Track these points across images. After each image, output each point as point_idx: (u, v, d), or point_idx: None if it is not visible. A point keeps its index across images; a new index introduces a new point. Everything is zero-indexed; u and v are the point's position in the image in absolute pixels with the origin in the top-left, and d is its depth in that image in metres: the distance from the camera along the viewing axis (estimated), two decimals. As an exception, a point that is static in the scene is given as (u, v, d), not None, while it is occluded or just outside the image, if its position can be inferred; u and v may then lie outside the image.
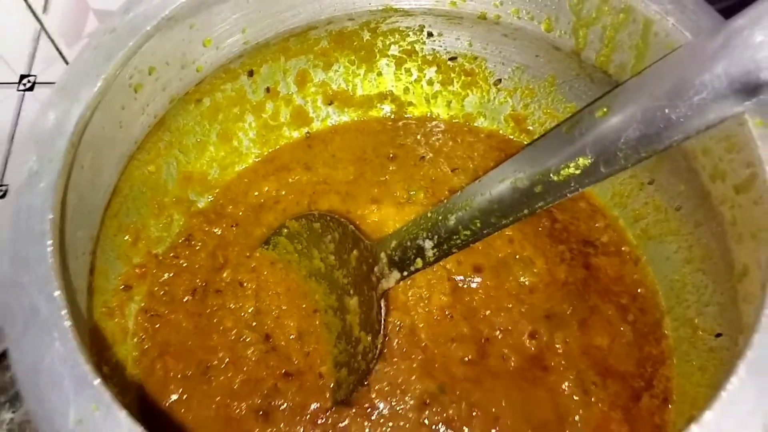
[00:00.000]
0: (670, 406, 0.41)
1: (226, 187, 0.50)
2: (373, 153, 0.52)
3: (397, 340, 0.43)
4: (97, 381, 0.25)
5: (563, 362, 0.41)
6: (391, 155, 0.51)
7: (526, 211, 0.34)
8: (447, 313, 0.43)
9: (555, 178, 0.33)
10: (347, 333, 0.43)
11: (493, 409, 0.40)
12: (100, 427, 0.25)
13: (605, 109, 0.32)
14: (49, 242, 0.27)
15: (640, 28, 0.36)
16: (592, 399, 0.40)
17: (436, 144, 0.51)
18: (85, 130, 0.31)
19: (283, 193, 0.50)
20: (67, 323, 0.26)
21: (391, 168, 0.51)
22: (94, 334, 0.39)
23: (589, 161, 0.31)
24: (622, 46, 0.38)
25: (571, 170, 0.32)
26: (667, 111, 0.29)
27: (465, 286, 0.44)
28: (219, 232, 0.48)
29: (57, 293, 0.27)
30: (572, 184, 0.32)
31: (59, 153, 0.29)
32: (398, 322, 0.43)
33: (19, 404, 0.58)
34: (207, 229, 0.48)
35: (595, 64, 0.40)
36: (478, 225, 0.36)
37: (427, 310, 0.43)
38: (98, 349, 0.39)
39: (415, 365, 0.42)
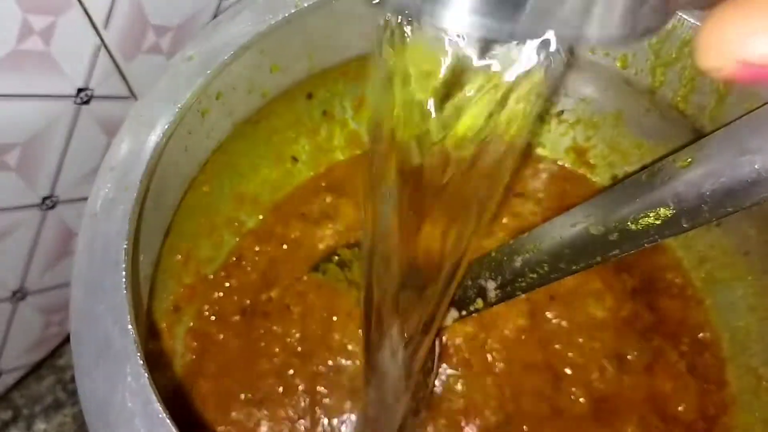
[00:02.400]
0: (730, 458, 0.40)
1: (277, 207, 0.50)
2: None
3: (466, 354, 0.42)
4: (169, 421, 0.25)
5: (628, 406, 0.40)
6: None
7: (598, 258, 0.33)
8: (522, 337, 0.42)
9: (633, 227, 0.31)
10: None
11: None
12: (170, 467, 0.24)
13: (689, 159, 0.31)
14: (124, 273, 0.27)
15: (724, 72, 0.35)
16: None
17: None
18: (159, 157, 0.31)
19: (335, 208, 0.49)
20: (140, 358, 0.26)
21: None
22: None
23: (671, 212, 0.30)
24: (702, 88, 0.37)
25: (651, 220, 0.31)
26: (756, 166, 0.28)
27: (541, 311, 0.43)
28: (269, 252, 0.48)
29: (130, 326, 0.26)
30: (651, 235, 0.31)
31: (135, 181, 0.29)
32: (471, 336, 0.42)
33: (53, 414, 0.58)
34: (257, 248, 0.48)
35: (671, 104, 0.39)
36: (546, 269, 0.35)
37: (502, 327, 0.42)
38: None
39: (486, 385, 0.41)
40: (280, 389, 0.42)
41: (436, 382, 0.42)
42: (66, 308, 0.59)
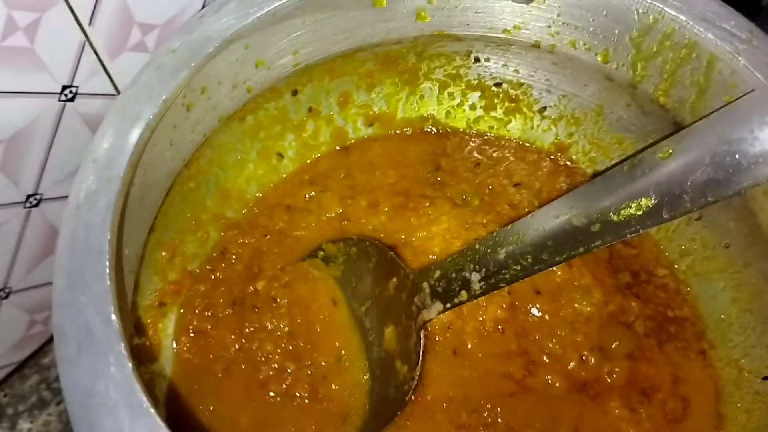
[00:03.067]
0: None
1: (261, 198, 0.50)
2: (417, 160, 0.51)
3: (441, 341, 0.42)
4: (153, 410, 0.25)
5: (608, 389, 0.41)
6: (439, 164, 0.50)
7: (581, 250, 0.33)
8: (500, 327, 0.42)
9: (615, 218, 0.32)
10: (382, 362, 0.42)
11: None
12: (153, 458, 0.24)
13: (670, 150, 0.31)
14: (107, 263, 0.27)
15: (704, 64, 0.36)
16: (642, 415, 0.40)
17: (494, 155, 0.50)
18: (143, 150, 0.31)
19: (318, 200, 0.49)
20: (124, 347, 0.26)
21: (438, 176, 0.50)
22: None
23: (652, 202, 0.31)
24: (683, 81, 0.38)
25: (633, 211, 0.31)
26: (737, 156, 0.28)
27: (522, 305, 0.43)
28: (253, 243, 0.47)
29: (113, 316, 0.26)
30: (633, 225, 0.31)
31: (118, 173, 0.29)
32: (448, 325, 0.42)
33: (38, 414, 0.57)
34: (241, 240, 0.48)
35: (652, 98, 0.40)
36: (529, 260, 0.36)
37: (481, 319, 0.42)
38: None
39: (456, 373, 0.41)
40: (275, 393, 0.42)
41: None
42: (50, 307, 0.59)
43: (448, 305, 0.40)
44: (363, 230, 0.48)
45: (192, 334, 0.43)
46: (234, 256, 0.47)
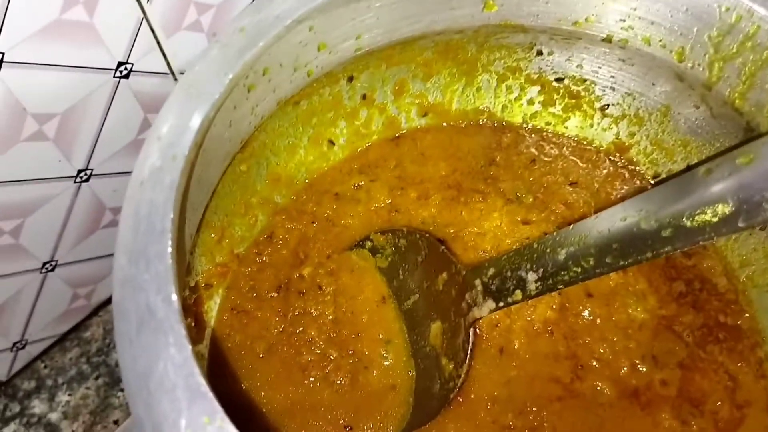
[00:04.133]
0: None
1: (309, 185, 0.49)
2: (470, 153, 0.50)
3: (487, 339, 0.41)
4: (211, 393, 0.24)
5: (659, 400, 0.39)
6: (493, 158, 0.49)
7: (649, 255, 0.32)
8: (549, 328, 0.41)
9: (688, 224, 0.31)
10: (427, 358, 0.41)
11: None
12: (210, 441, 0.24)
13: (751, 156, 0.30)
14: (170, 242, 0.26)
15: (787, 68, 0.34)
16: (694, 427, 0.38)
17: (551, 152, 0.49)
18: (208, 130, 0.30)
19: (367, 190, 0.49)
20: (183, 328, 0.25)
21: (492, 170, 0.49)
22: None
23: (730, 209, 0.29)
24: (763, 85, 0.36)
25: (708, 217, 0.30)
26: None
27: (573, 307, 0.42)
28: (301, 229, 0.47)
29: (174, 296, 0.26)
30: (707, 232, 0.30)
31: (183, 151, 0.28)
32: (496, 323, 0.42)
33: (77, 387, 0.58)
34: (288, 226, 0.47)
35: (726, 100, 0.38)
36: (591, 263, 0.34)
37: (529, 318, 0.42)
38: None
39: (502, 373, 0.41)
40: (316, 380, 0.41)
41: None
42: (93, 282, 0.60)
43: (501, 304, 0.39)
44: (412, 222, 0.47)
45: (235, 313, 0.43)
46: (281, 241, 0.47)
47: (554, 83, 0.48)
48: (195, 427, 0.24)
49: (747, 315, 0.43)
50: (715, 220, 0.30)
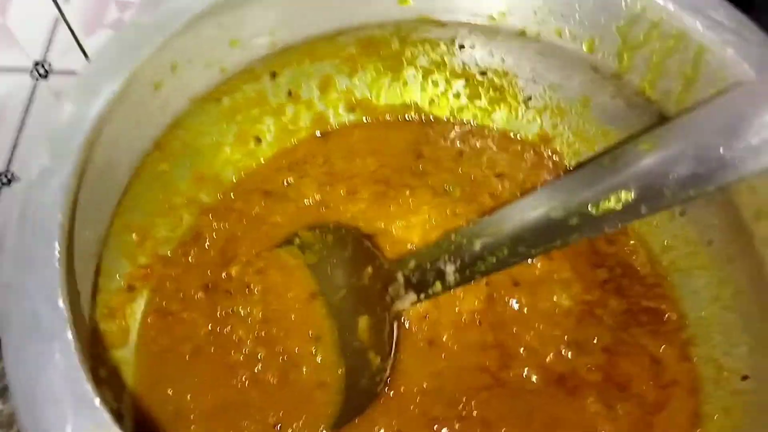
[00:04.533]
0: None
1: (237, 183, 0.48)
2: (398, 148, 0.50)
3: (416, 331, 0.41)
4: (98, 401, 0.24)
5: (585, 385, 0.40)
6: (421, 152, 0.49)
7: (558, 243, 0.32)
8: (477, 318, 0.41)
9: (593, 212, 0.31)
10: (356, 353, 0.41)
11: (509, 427, 0.38)
12: (98, 451, 0.23)
13: (652, 143, 0.30)
14: (57, 246, 0.26)
15: (692, 56, 0.35)
16: (619, 411, 0.39)
17: (477, 145, 0.49)
18: (103, 127, 0.29)
19: (297, 186, 0.48)
20: (70, 336, 0.24)
21: (420, 164, 0.48)
22: (94, 336, 0.37)
23: (632, 196, 0.30)
24: (669, 73, 0.36)
25: (612, 204, 0.30)
26: (721, 150, 0.27)
27: (500, 297, 0.42)
28: (228, 228, 0.46)
29: (61, 302, 0.25)
30: (611, 220, 0.30)
31: (74, 150, 0.27)
32: (424, 315, 0.41)
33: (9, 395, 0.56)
34: (215, 225, 0.46)
35: (637, 90, 0.39)
36: (505, 253, 0.34)
37: (457, 310, 0.41)
38: (97, 351, 0.37)
39: (431, 365, 0.40)
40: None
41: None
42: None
43: (422, 296, 0.39)
44: (342, 218, 0.46)
45: (161, 315, 0.42)
46: (208, 241, 0.46)
47: (478, 77, 0.48)
48: (81, 437, 0.23)
49: (670, 299, 0.44)
50: (618, 207, 0.30)
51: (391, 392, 0.40)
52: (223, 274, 0.44)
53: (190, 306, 0.43)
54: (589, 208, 0.31)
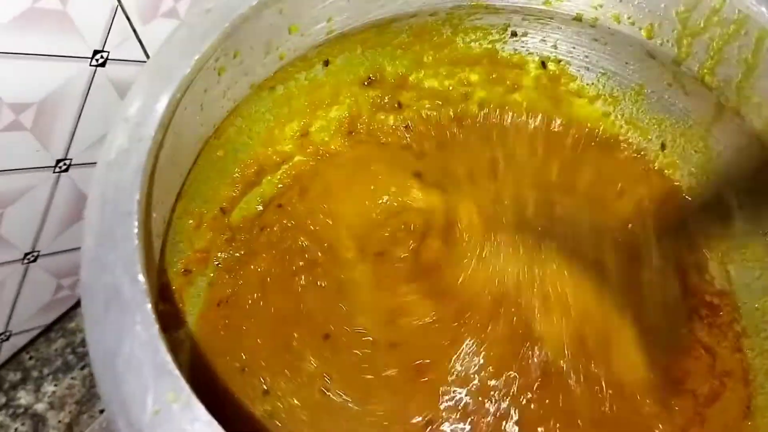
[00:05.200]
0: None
1: (295, 176, 0.49)
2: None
3: None
4: (177, 371, 0.25)
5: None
6: None
7: None
8: None
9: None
10: None
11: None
12: (177, 417, 0.24)
13: None
14: (136, 222, 0.27)
15: (753, 41, 0.34)
16: (675, 408, 0.39)
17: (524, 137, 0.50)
18: (175, 111, 0.30)
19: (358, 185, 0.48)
20: (150, 308, 0.25)
21: None
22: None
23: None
24: (730, 59, 0.36)
25: None
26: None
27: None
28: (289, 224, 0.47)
29: (140, 276, 0.26)
30: None
31: (149, 133, 0.28)
32: None
33: (62, 377, 0.58)
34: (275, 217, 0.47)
35: (696, 76, 0.38)
36: None
37: None
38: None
39: None
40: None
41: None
42: (77, 272, 0.60)
43: None
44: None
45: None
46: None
47: (531, 65, 0.48)
48: (161, 404, 0.24)
49: (726, 292, 0.43)
50: None
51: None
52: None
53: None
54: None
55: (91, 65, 0.50)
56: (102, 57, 0.50)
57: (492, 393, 0.39)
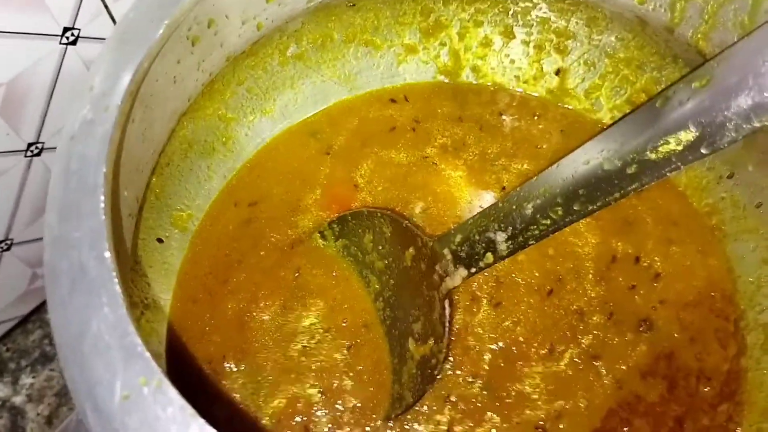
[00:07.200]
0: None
1: (267, 153, 0.47)
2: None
3: None
4: (147, 353, 0.23)
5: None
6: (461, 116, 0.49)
7: (617, 195, 0.31)
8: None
9: (653, 156, 0.29)
10: (403, 339, 0.39)
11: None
12: (148, 402, 0.23)
13: (707, 78, 0.28)
14: (102, 197, 0.25)
15: (749, 3, 0.33)
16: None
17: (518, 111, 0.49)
18: (143, 80, 0.28)
19: (328, 160, 0.47)
20: (118, 287, 0.24)
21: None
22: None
23: (693, 135, 0.28)
24: (725, 23, 0.35)
25: (672, 146, 0.29)
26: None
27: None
28: (256, 203, 0.45)
29: (107, 254, 0.24)
30: (673, 162, 0.29)
31: (116, 102, 0.26)
32: None
33: (40, 369, 0.56)
34: (244, 196, 0.45)
35: (690, 43, 0.37)
36: (560, 213, 0.33)
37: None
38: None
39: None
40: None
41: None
42: (54, 261, 0.58)
43: (473, 270, 0.37)
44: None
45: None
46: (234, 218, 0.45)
47: (523, 36, 0.47)
48: (131, 389, 0.23)
49: (719, 268, 0.42)
50: (679, 148, 0.29)
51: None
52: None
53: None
54: (648, 154, 0.30)
55: (61, 43, 0.48)
56: (73, 35, 0.48)
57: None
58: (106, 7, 0.49)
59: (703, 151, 0.28)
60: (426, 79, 0.50)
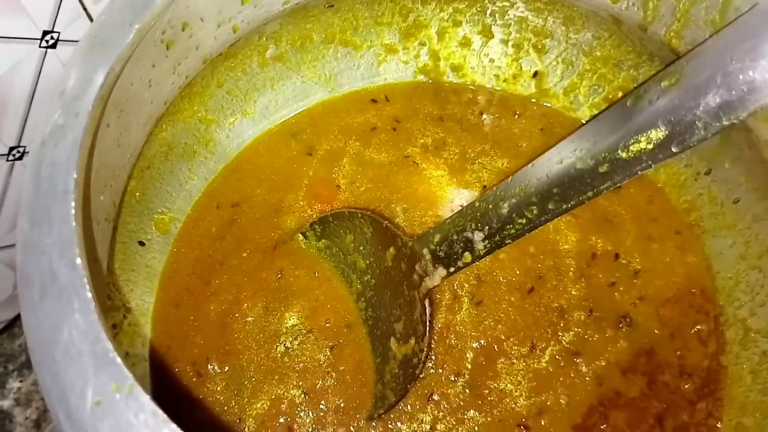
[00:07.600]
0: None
1: (248, 154, 0.47)
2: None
3: None
4: (119, 359, 0.23)
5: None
6: (441, 116, 0.49)
7: (590, 194, 0.31)
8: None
9: (624, 155, 0.30)
10: (385, 339, 0.40)
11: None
12: (120, 408, 0.23)
13: (677, 77, 0.29)
14: (73, 203, 0.25)
15: (720, 1, 0.33)
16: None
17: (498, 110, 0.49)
18: (114, 84, 0.28)
19: (310, 161, 0.47)
20: (89, 293, 0.24)
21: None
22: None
23: (663, 134, 0.29)
24: (697, 21, 0.35)
25: (642, 145, 0.29)
26: (751, 73, 0.26)
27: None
28: (238, 204, 0.45)
29: (79, 260, 0.24)
30: (644, 161, 0.29)
31: (87, 107, 0.26)
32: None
33: (27, 373, 0.56)
34: (226, 198, 0.45)
35: (663, 41, 0.37)
36: (535, 212, 0.33)
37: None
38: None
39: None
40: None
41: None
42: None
43: (452, 269, 0.37)
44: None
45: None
46: (218, 218, 0.45)
47: (500, 35, 0.47)
48: (103, 395, 0.23)
49: (698, 264, 0.43)
50: (650, 147, 0.29)
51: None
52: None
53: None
54: (619, 152, 0.30)
55: (41, 47, 0.48)
56: (52, 38, 0.48)
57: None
58: (85, 9, 0.49)
59: (673, 149, 0.28)
60: (406, 79, 0.50)
